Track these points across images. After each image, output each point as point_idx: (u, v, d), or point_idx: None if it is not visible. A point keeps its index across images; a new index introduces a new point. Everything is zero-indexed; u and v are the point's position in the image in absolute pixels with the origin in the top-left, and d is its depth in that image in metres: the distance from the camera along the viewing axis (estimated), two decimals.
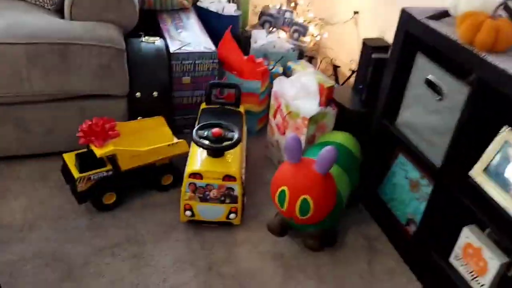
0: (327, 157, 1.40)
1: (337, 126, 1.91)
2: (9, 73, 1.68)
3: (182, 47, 2.03)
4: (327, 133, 1.87)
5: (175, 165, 1.84)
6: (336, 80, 2.54)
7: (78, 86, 1.78)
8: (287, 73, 2.38)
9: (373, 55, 1.83)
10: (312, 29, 2.65)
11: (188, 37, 2.13)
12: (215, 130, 1.63)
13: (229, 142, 1.61)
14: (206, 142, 1.62)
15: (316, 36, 2.68)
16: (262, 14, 2.64)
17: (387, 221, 1.75)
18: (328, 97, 1.85)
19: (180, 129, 2.17)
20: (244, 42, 2.60)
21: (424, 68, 1.49)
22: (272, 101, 2.02)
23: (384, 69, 1.66)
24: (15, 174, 1.85)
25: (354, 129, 1.85)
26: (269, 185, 1.58)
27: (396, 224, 1.71)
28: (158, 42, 1.98)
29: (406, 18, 1.49)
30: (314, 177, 1.43)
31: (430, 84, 1.45)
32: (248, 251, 1.64)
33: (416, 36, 1.46)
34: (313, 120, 1.81)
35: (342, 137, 1.78)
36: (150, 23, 2.29)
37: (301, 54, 2.56)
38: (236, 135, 1.64)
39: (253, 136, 2.23)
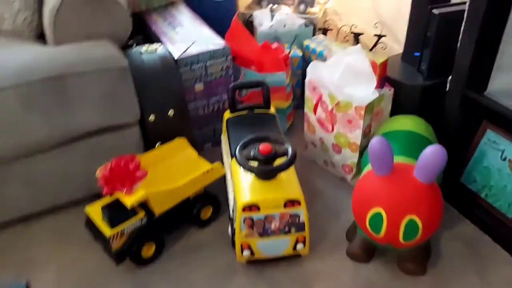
0: (433, 160, 1.09)
1: (395, 109, 1.62)
2: (3, 124, 1.34)
3: (187, 49, 1.70)
4: (388, 120, 1.57)
5: (210, 193, 1.54)
6: None
7: (84, 123, 1.45)
8: (305, 53, 2.06)
9: (435, 11, 1.51)
10: None
11: (189, 36, 1.80)
12: (263, 146, 1.31)
13: (285, 159, 1.31)
14: (255, 163, 1.32)
15: (325, 3, 2.36)
16: None
17: (486, 217, 1.45)
18: (382, 75, 1.55)
19: (200, 145, 1.86)
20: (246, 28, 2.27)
21: None
22: (308, 93, 1.71)
23: (454, 26, 1.36)
24: (35, 238, 1.53)
25: (418, 110, 1.56)
26: (322, 195, 1.27)
27: (500, 219, 1.42)
28: (160, 49, 1.65)
29: None
30: (419, 189, 1.12)
31: None
32: (331, 285, 1.35)
33: None
34: (369, 107, 1.52)
35: (410, 123, 1.48)
36: (139, 28, 1.95)
37: (314, 27, 2.24)
38: (289, 148, 1.33)
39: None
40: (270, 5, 2.32)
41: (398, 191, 1.12)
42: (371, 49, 2.20)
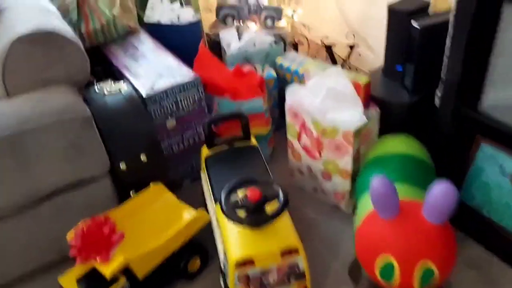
0: (443, 200, 0.98)
1: (382, 129, 1.51)
2: None
3: (154, 84, 1.56)
4: (378, 142, 1.46)
5: (196, 242, 1.40)
6: (334, 63, 2.12)
7: (47, 182, 1.29)
8: (279, 72, 1.94)
9: (415, 23, 1.40)
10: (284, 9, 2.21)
11: (154, 68, 1.65)
12: (252, 193, 1.17)
13: (277, 205, 1.18)
14: (243, 212, 1.19)
15: (292, 16, 2.24)
16: (219, 8, 2.18)
17: (492, 236, 1.36)
18: (366, 96, 1.45)
19: (178, 183, 1.72)
20: (213, 49, 2.13)
21: None
22: (289, 119, 1.59)
23: (437, 38, 1.26)
24: None
25: (407, 127, 1.46)
26: (315, 226, 1.16)
27: (507, 237, 1.34)
28: (124, 88, 1.50)
29: None
30: (430, 231, 1.01)
31: None
32: None
33: None
34: (357, 132, 1.40)
35: (402, 144, 1.38)
36: (97, 60, 1.79)
37: (284, 42, 2.12)
38: (280, 191, 1.21)
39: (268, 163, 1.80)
40: (236, 23, 2.18)
41: (408, 236, 1.01)
42: (345, 60, 2.10)
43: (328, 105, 1.43)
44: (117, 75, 1.70)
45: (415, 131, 1.45)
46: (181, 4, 2.00)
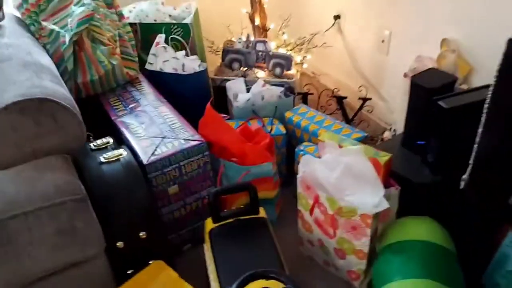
0: None
1: (401, 208, 1.39)
2: None
3: (155, 149, 1.43)
4: (398, 224, 1.34)
5: None
6: (345, 117, 2.00)
7: (37, 269, 1.15)
8: (288, 127, 1.82)
9: (443, 103, 1.28)
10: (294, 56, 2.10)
11: (156, 127, 1.53)
12: None
13: None
14: None
15: (302, 63, 2.13)
16: (226, 51, 2.07)
17: None
18: (386, 174, 1.33)
19: (179, 248, 1.59)
20: (217, 95, 2.01)
21: None
22: (301, 190, 1.46)
23: (466, 120, 1.15)
24: None
25: (427, 208, 1.34)
26: None
27: None
28: (124, 155, 1.37)
29: None
30: None
31: None
32: None
33: None
34: (376, 214, 1.28)
35: (424, 230, 1.26)
36: (94, 114, 1.66)
37: (291, 91, 2.00)
38: (292, 285, 1.08)
39: (274, 226, 1.68)
40: (242, 68, 2.06)
41: None
42: (356, 113, 1.98)
43: (345, 183, 1.31)
44: (115, 131, 1.57)
45: (436, 211, 1.33)
46: (187, 54, 1.88)
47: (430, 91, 1.32)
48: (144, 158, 1.38)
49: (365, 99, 1.95)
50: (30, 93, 1.21)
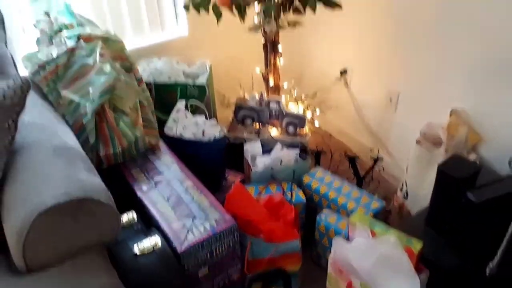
0: None
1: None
2: None
3: (188, 233, 1.37)
4: None
5: None
6: (358, 177, 1.98)
7: None
8: (306, 191, 1.79)
9: (472, 196, 1.28)
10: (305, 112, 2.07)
11: (184, 205, 1.47)
12: None
13: None
14: None
15: (313, 120, 2.10)
16: (239, 108, 2.02)
17: None
18: (418, 261, 1.31)
19: None
20: (230, 153, 1.96)
21: None
22: (332, 272, 1.43)
23: (495, 212, 1.15)
24: None
25: None
26: None
27: None
28: (158, 245, 1.31)
29: None
30: None
31: None
32: None
33: None
34: None
35: None
36: (115, 183, 1.60)
37: (304, 150, 1.97)
38: None
39: None
40: (255, 125, 2.02)
41: None
42: (367, 172, 1.97)
43: (380, 272, 1.28)
44: (140, 205, 1.51)
45: None
46: (206, 117, 1.82)
47: (458, 181, 1.32)
48: (178, 246, 1.33)
49: (376, 160, 1.94)
50: (69, 192, 1.14)
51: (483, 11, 1.52)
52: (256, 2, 1.75)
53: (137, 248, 1.28)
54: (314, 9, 1.64)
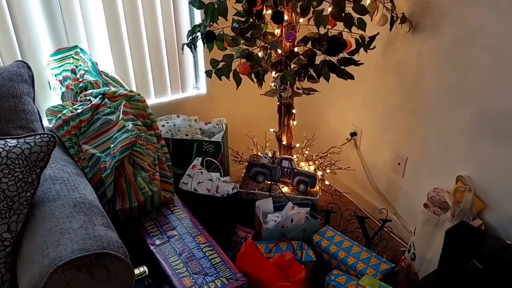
0: None
1: None
2: None
3: None
4: None
5: None
6: (367, 237, 1.98)
7: None
8: (316, 250, 1.78)
9: (478, 263, 1.28)
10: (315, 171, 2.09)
11: (196, 261, 1.47)
12: None
13: None
14: None
15: (323, 179, 2.12)
16: (252, 165, 2.05)
17: None
18: None
19: None
20: (242, 207, 1.97)
21: None
22: None
23: (501, 278, 1.13)
24: None
25: None
26: None
27: None
28: None
29: None
30: None
31: None
32: None
33: None
34: None
35: None
36: (127, 235, 1.61)
37: (314, 209, 1.97)
38: None
39: None
40: (267, 182, 2.04)
41: None
42: (376, 233, 1.96)
43: None
44: (151, 258, 1.51)
45: None
46: (221, 174, 1.85)
47: (464, 248, 1.32)
48: None
49: (384, 221, 1.93)
50: (87, 247, 1.15)
51: (483, 83, 1.56)
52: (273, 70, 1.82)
53: None
54: (327, 78, 1.70)
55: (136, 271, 1.45)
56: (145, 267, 1.47)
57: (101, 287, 1.18)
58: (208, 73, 1.74)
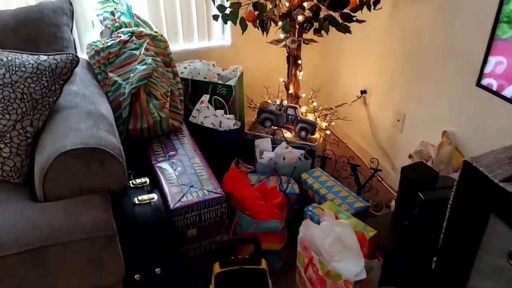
0: None
1: (384, 278, 1.46)
2: None
3: (182, 197, 1.57)
4: None
5: None
6: (358, 183, 2.09)
7: None
8: (303, 187, 1.93)
9: (422, 195, 1.38)
10: (319, 122, 2.21)
11: (187, 176, 1.67)
12: None
13: None
14: None
15: (326, 130, 2.24)
16: (261, 111, 2.20)
17: None
18: (371, 248, 1.41)
19: (187, 284, 1.71)
20: (247, 148, 2.15)
21: (501, 237, 1.05)
22: (300, 250, 1.56)
23: (439, 211, 1.23)
24: None
25: (407, 282, 1.41)
26: None
27: None
28: (155, 199, 1.52)
29: (472, 176, 1.06)
30: None
31: None
32: None
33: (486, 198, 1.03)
34: (357, 281, 1.36)
35: None
36: (138, 155, 1.84)
37: (312, 154, 2.11)
38: None
39: (276, 276, 1.78)
40: (273, 127, 2.20)
41: None
42: (366, 182, 2.06)
43: (335, 251, 1.40)
44: (152, 173, 1.73)
45: (415, 285, 1.40)
46: (225, 112, 2.03)
47: (415, 182, 1.41)
48: (171, 204, 1.53)
49: (375, 170, 2.03)
50: (87, 142, 1.38)
51: (469, 48, 1.61)
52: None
53: (136, 199, 1.50)
54: (327, 31, 1.81)
55: (139, 180, 1.67)
56: (147, 178, 1.69)
57: (95, 177, 1.41)
58: (215, 17, 1.91)
